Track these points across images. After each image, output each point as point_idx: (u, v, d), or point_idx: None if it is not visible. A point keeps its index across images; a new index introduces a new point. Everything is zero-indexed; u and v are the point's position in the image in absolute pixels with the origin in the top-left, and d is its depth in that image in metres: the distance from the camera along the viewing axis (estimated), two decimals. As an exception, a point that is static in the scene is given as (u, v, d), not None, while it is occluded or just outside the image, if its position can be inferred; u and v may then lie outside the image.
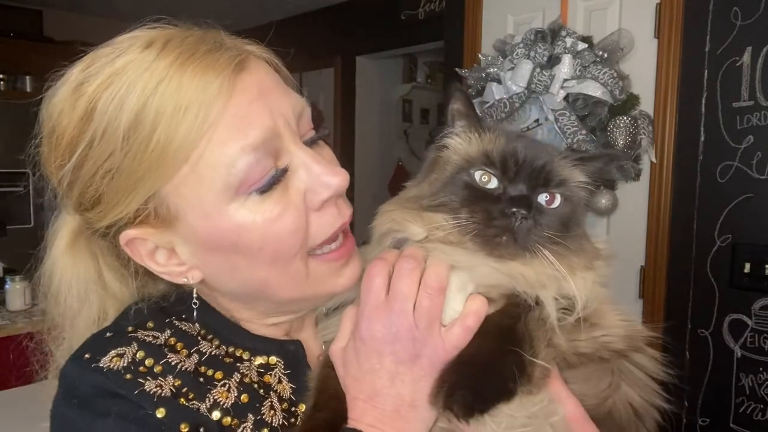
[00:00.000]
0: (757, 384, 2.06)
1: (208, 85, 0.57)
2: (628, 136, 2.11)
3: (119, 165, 0.57)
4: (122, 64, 0.58)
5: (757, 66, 2.01)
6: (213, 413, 0.63)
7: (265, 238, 0.61)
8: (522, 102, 2.32)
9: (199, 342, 0.68)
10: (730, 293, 2.11)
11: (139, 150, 0.57)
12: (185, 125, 0.56)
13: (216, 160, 0.58)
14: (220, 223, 0.60)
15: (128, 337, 0.65)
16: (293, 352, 0.73)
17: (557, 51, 2.20)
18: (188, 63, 0.57)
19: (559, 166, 0.66)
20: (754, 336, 2.06)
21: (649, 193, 2.29)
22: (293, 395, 0.70)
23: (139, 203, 0.59)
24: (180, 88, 0.56)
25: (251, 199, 0.60)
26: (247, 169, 0.58)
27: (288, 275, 0.65)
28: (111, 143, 0.57)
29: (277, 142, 0.61)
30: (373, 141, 4.81)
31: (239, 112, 0.58)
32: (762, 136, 2.01)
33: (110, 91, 0.57)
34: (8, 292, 2.58)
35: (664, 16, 2.22)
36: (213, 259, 0.64)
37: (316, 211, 0.64)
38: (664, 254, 2.28)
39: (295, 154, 0.63)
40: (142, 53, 0.58)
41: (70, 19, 4.52)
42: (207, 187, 0.59)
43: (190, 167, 0.58)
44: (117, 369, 0.61)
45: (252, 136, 0.58)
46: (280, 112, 0.62)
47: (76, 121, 0.58)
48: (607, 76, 2.11)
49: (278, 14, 4.68)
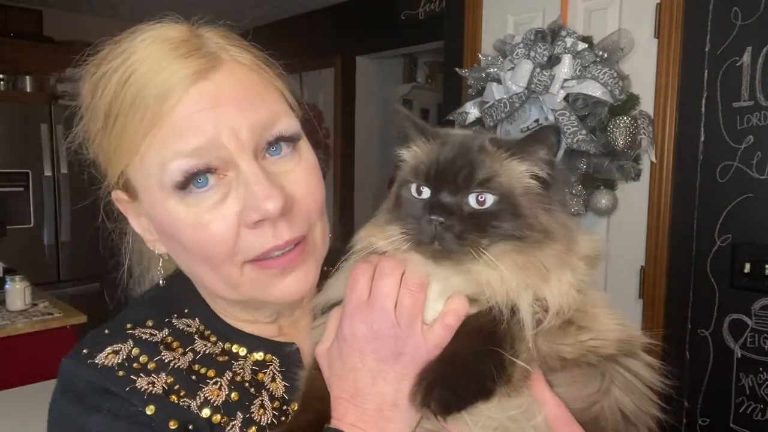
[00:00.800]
0: (757, 384, 2.06)
1: (163, 86, 0.61)
2: (628, 136, 2.11)
3: (100, 139, 0.66)
4: (116, 54, 0.64)
5: (757, 66, 2.01)
6: (203, 411, 0.64)
7: (192, 239, 0.65)
8: (522, 102, 2.32)
9: (195, 341, 0.70)
10: (730, 293, 2.11)
11: (110, 129, 0.64)
12: (137, 120, 0.61)
13: (154, 157, 0.63)
14: (161, 213, 0.66)
15: (126, 334, 0.67)
16: (289, 353, 0.74)
17: (557, 51, 2.20)
18: (157, 62, 0.62)
19: (484, 163, 0.64)
20: (754, 336, 2.06)
21: (649, 193, 2.29)
22: (286, 394, 0.71)
23: (115, 175, 0.67)
24: (144, 84, 0.61)
25: (187, 199, 0.64)
26: (178, 172, 0.62)
27: (219, 277, 0.67)
28: (96, 119, 0.65)
29: (222, 153, 0.63)
30: (373, 141, 4.81)
31: (183, 118, 0.62)
32: (762, 136, 2.01)
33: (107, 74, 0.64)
34: (8, 292, 2.58)
35: (664, 16, 2.22)
36: (165, 240, 0.70)
37: (248, 228, 0.65)
38: (664, 254, 2.28)
39: (242, 169, 0.64)
40: (129, 44, 0.64)
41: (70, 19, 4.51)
42: (149, 178, 0.64)
43: (139, 158, 0.64)
44: (111, 365, 0.63)
45: (188, 143, 0.62)
46: (229, 125, 0.63)
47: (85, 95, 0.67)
48: (607, 76, 2.11)
49: (278, 14, 4.68)
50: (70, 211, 3.85)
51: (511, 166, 0.65)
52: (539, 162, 0.65)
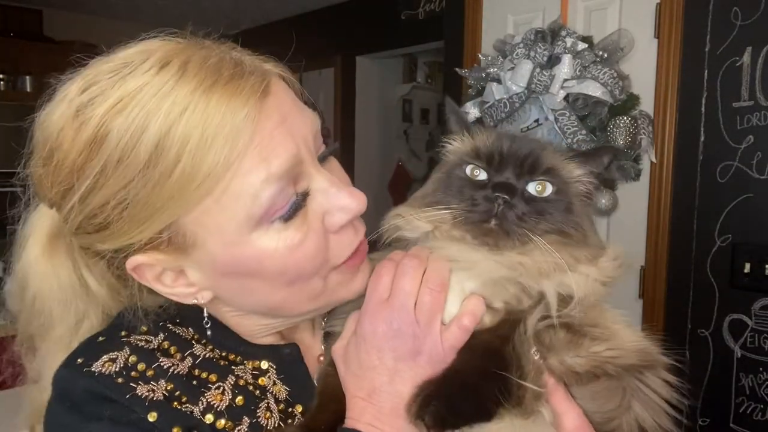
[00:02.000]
0: (757, 384, 2.06)
1: (235, 115, 0.54)
2: (628, 136, 2.11)
3: (136, 195, 0.54)
4: (135, 86, 0.54)
5: (757, 66, 2.01)
6: (206, 416, 0.62)
7: (287, 264, 0.60)
8: (522, 102, 2.32)
9: (193, 345, 0.67)
10: (730, 293, 2.11)
11: (160, 181, 0.54)
12: (212, 156, 0.53)
13: (240, 191, 0.56)
14: (242, 252, 0.59)
15: (121, 341, 0.64)
16: (288, 355, 0.73)
17: (557, 51, 2.20)
18: (213, 90, 0.54)
19: (547, 156, 0.67)
20: (754, 336, 2.06)
21: (649, 193, 2.29)
22: (289, 397, 0.69)
23: (153, 233, 0.57)
24: (206, 117, 0.53)
25: (274, 226, 0.59)
26: (271, 199, 0.57)
27: (305, 293, 0.65)
28: (128, 173, 0.54)
29: (299, 168, 0.60)
30: (373, 141, 4.81)
31: (263, 141, 0.56)
32: (762, 136, 2.01)
33: (125, 116, 0.53)
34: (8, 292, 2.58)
35: (664, 16, 2.22)
36: (229, 282, 0.63)
37: (334, 234, 0.64)
38: (664, 254, 2.28)
39: (314, 177, 0.62)
40: (158, 75, 0.55)
41: (70, 19, 4.51)
42: (229, 218, 0.57)
43: (214, 198, 0.55)
44: (109, 373, 0.60)
45: (276, 165, 0.57)
46: (301, 135, 0.61)
47: (82, 146, 0.55)
48: (607, 76, 2.11)
49: (278, 14, 4.68)
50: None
51: (569, 167, 0.68)
52: (591, 174, 0.69)
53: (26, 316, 0.69)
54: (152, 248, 0.59)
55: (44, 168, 0.59)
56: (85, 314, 0.68)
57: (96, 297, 0.68)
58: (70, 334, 0.68)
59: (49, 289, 0.66)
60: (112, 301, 0.69)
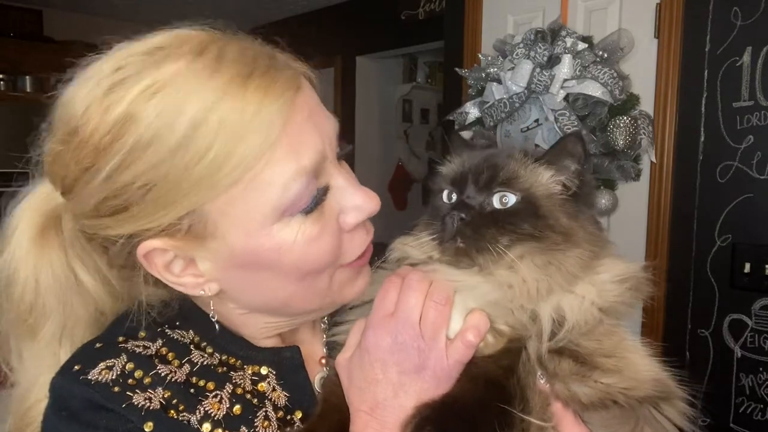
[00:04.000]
0: (757, 384, 2.06)
1: (270, 106, 0.55)
2: (628, 136, 2.11)
3: (163, 177, 0.54)
4: (171, 72, 0.54)
5: (757, 66, 2.01)
6: (203, 425, 0.62)
7: (304, 257, 0.61)
8: (522, 102, 2.32)
9: (191, 351, 0.66)
10: (730, 293, 2.11)
11: (190, 165, 0.53)
12: (244, 145, 0.54)
13: (270, 181, 0.56)
14: (262, 243, 0.59)
15: (118, 348, 0.63)
16: (288, 358, 0.72)
17: (557, 51, 2.20)
18: (250, 81, 0.55)
19: (509, 166, 0.67)
20: (754, 336, 2.06)
21: (649, 193, 2.29)
22: (289, 403, 0.69)
23: (173, 218, 0.56)
24: (242, 105, 0.53)
25: (295, 219, 0.59)
26: (299, 191, 0.58)
27: (313, 289, 0.65)
28: (157, 154, 0.53)
29: (323, 164, 0.62)
30: (373, 141, 4.81)
31: (294, 134, 0.57)
32: (762, 136, 2.01)
33: (160, 99, 0.53)
34: (8, 292, 2.58)
35: (664, 16, 2.22)
36: (239, 274, 0.62)
37: (347, 232, 0.65)
38: (664, 254, 2.28)
39: (333, 175, 0.64)
40: (194, 62, 0.55)
41: (70, 19, 4.51)
42: (255, 208, 0.57)
43: (242, 187, 0.55)
44: (105, 382, 0.60)
45: (306, 159, 0.58)
46: (326, 132, 0.62)
47: (111, 125, 0.54)
48: (607, 76, 2.11)
49: (278, 14, 4.68)
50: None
51: (536, 171, 0.67)
52: (565, 171, 0.67)
53: (12, 315, 0.66)
54: (168, 235, 0.58)
55: (65, 145, 0.58)
56: (77, 311, 0.67)
57: (89, 293, 0.67)
58: (60, 334, 0.66)
59: (42, 281, 0.64)
60: (106, 296, 0.68)
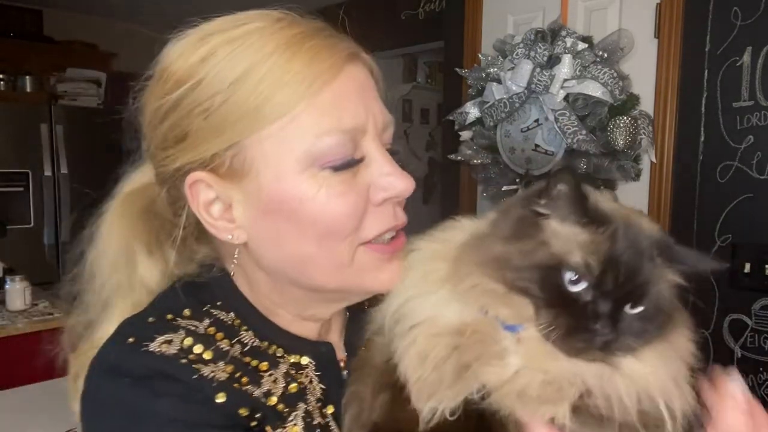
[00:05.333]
0: (757, 384, 2.06)
1: (321, 62, 0.61)
2: (628, 136, 2.12)
3: (216, 107, 0.60)
4: (250, 28, 0.62)
5: (757, 66, 2.01)
6: (268, 399, 0.63)
7: (323, 212, 0.62)
8: (522, 102, 2.32)
9: (239, 332, 0.67)
10: (730, 293, 2.11)
11: (240, 97, 0.60)
12: (290, 87, 0.59)
13: (307, 127, 0.60)
14: (287, 188, 0.62)
15: (172, 324, 0.64)
16: (325, 354, 0.72)
17: (557, 51, 2.20)
18: (308, 39, 0.61)
19: (656, 274, 0.62)
20: (754, 336, 2.06)
21: (649, 193, 2.29)
22: (323, 396, 0.69)
23: (220, 147, 0.61)
24: (294, 57, 0.60)
25: (322, 173, 0.62)
26: (330, 145, 0.61)
27: (331, 257, 0.64)
28: (217, 85, 0.60)
29: (361, 136, 0.64)
30: (373, 141, 4.80)
31: (340, 95, 0.62)
32: (762, 136, 2.01)
33: (232, 45, 0.61)
34: (8, 292, 2.58)
35: (664, 16, 2.22)
36: (264, 223, 0.64)
37: (374, 205, 0.65)
38: (664, 254, 2.28)
39: (373, 150, 0.65)
40: (268, 25, 0.63)
41: (70, 19, 4.51)
42: (289, 150, 0.61)
43: (280, 126, 0.60)
44: (170, 354, 0.60)
45: (345, 121, 0.61)
46: (373, 112, 0.65)
47: (192, 63, 0.62)
48: (607, 76, 2.11)
49: (278, 14, 4.68)
50: (70, 211, 3.85)
51: (668, 276, 0.65)
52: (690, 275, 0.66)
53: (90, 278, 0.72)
54: (213, 170, 0.63)
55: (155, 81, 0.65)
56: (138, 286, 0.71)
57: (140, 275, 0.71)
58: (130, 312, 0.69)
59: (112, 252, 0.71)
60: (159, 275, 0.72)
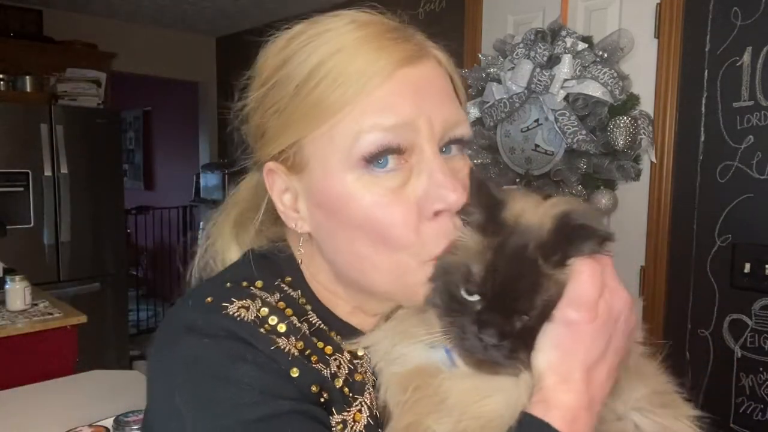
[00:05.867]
0: (757, 384, 2.06)
1: (374, 63, 0.62)
2: (628, 136, 2.12)
3: (285, 107, 0.64)
4: (326, 28, 0.65)
5: (757, 66, 2.01)
6: (335, 381, 0.62)
7: (367, 218, 0.62)
8: (522, 102, 2.33)
9: (307, 312, 0.67)
10: (730, 293, 2.11)
11: (301, 99, 0.63)
12: (341, 89, 0.61)
13: (349, 127, 0.61)
14: (334, 187, 0.63)
15: (249, 291, 0.64)
16: None
17: (557, 51, 2.20)
18: (370, 41, 0.63)
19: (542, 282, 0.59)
20: (754, 336, 2.06)
21: (649, 193, 2.29)
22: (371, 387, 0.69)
23: (286, 144, 0.65)
24: (353, 58, 0.62)
25: (367, 176, 0.62)
26: (373, 144, 0.61)
27: (393, 265, 0.63)
28: (287, 88, 0.64)
29: (412, 136, 0.63)
30: (373, 141, 4.80)
31: (386, 97, 0.62)
32: (762, 136, 2.01)
33: (306, 47, 0.64)
34: (8, 292, 2.57)
35: (664, 16, 2.22)
36: (319, 217, 0.66)
37: (430, 220, 0.63)
38: (664, 254, 2.28)
39: (426, 155, 0.63)
40: (344, 25, 0.65)
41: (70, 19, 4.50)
42: (334, 149, 0.62)
43: (329, 126, 0.62)
44: (249, 320, 0.60)
45: (388, 119, 0.61)
46: (426, 113, 0.63)
47: (274, 66, 0.66)
48: (607, 76, 2.11)
49: (279, 14, 4.68)
50: (70, 211, 3.85)
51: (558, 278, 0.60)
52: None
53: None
54: (282, 162, 0.67)
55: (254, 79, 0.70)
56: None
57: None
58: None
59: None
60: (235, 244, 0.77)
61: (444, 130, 0.65)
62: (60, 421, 1.50)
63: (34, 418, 1.65)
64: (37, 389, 1.81)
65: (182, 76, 5.08)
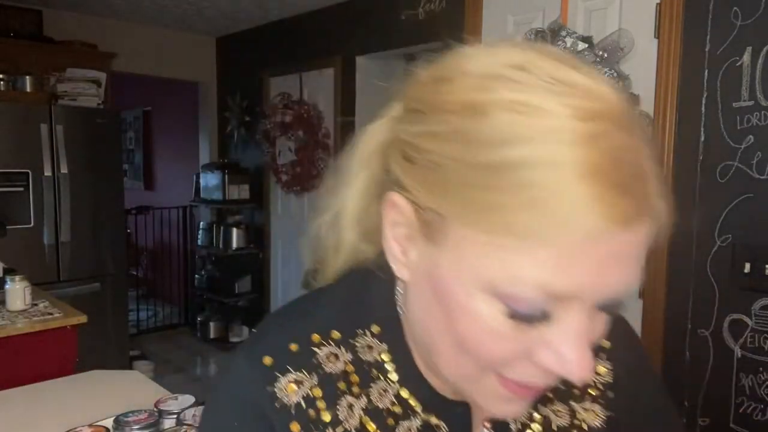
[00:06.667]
0: (757, 384, 2.06)
1: (586, 215, 0.46)
2: (628, 136, 2.12)
3: (444, 170, 0.50)
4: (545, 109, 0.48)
5: (757, 66, 2.01)
6: None
7: (469, 335, 0.52)
8: (522, 102, 2.32)
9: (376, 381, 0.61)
10: (730, 293, 2.11)
11: (473, 184, 0.48)
12: (525, 216, 0.46)
13: (514, 261, 0.48)
14: (457, 292, 0.52)
15: (312, 362, 0.59)
16: (459, 414, 0.65)
17: (557, 51, 2.20)
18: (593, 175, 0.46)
19: None
20: (754, 336, 2.06)
21: (649, 193, 2.29)
22: None
23: (431, 205, 0.52)
24: (566, 189, 0.46)
25: (499, 305, 0.50)
26: (521, 302, 0.49)
27: (461, 367, 0.57)
28: (464, 152, 0.49)
29: (570, 301, 0.50)
30: (373, 141, 4.80)
31: (575, 256, 0.48)
32: (762, 136, 2.01)
33: (512, 120, 0.48)
34: (8, 292, 2.57)
35: (664, 16, 2.22)
36: (425, 288, 0.56)
37: (529, 359, 0.54)
38: (664, 254, 2.28)
39: (570, 315, 0.51)
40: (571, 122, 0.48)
41: (70, 19, 4.51)
42: (482, 263, 0.49)
43: (490, 238, 0.49)
44: (289, 406, 0.57)
45: (559, 284, 0.48)
46: (604, 283, 0.50)
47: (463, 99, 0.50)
48: (607, 76, 2.11)
49: (278, 14, 4.67)
50: (70, 211, 3.85)
51: None
52: None
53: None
54: (414, 207, 0.54)
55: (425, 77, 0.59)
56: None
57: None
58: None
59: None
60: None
61: (612, 298, 0.52)
62: (60, 421, 1.50)
63: (34, 418, 1.65)
64: (37, 389, 1.81)
65: (182, 76, 5.08)
